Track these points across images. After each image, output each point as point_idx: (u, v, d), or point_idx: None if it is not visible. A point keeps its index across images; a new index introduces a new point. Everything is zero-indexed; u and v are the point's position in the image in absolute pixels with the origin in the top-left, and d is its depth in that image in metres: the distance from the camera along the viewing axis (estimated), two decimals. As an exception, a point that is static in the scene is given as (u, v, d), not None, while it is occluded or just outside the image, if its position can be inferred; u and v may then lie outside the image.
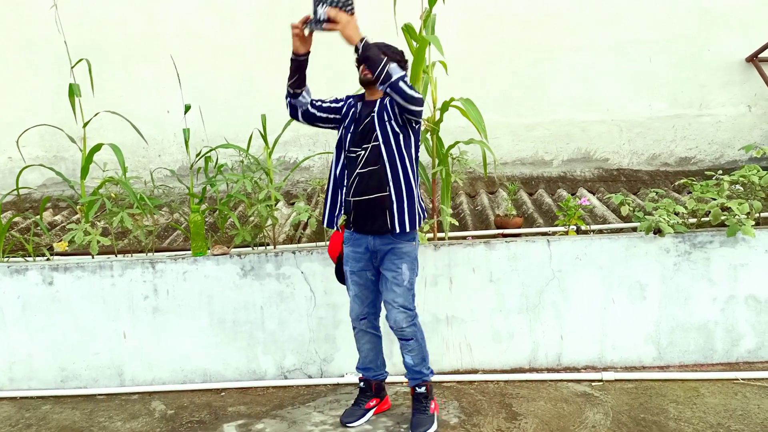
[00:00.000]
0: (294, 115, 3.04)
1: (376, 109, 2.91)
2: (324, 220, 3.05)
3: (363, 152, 2.89)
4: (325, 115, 3.01)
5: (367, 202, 2.89)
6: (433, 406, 3.08)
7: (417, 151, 2.98)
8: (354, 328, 3.15)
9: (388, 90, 2.74)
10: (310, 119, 3.02)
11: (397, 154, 2.87)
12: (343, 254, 3.09)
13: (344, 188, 2.98)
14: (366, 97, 2.99)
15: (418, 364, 3.05)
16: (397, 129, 2.87)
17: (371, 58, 2.73)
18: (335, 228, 3.05)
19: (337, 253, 3.12)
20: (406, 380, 3.18)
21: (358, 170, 2.90)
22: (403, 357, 3.07)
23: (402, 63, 2.93)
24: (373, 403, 3.21)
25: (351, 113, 2.99)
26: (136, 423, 3.31)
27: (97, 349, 3.70)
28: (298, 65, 2.93)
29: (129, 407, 3.51)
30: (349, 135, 2.94)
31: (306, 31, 2.82)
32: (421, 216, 2.98)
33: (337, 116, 3.01)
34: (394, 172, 2.87)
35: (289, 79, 2.97)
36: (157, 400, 3.57)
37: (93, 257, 3.82)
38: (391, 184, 2.86)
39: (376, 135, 2.87)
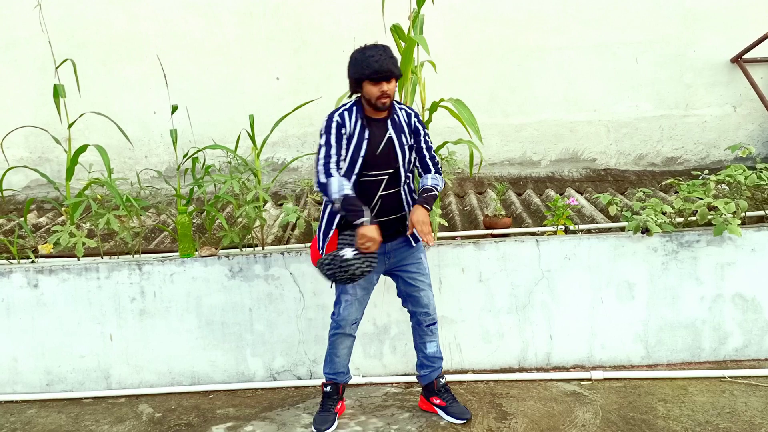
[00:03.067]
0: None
1: (392, 131, 2.86)
2: (322, 247, 2.92)
3: (386, 177, 2.86)
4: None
5: (389, 221, 2.92)
6: None
7: None
8: (338, 334, 3.04)
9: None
10: None
11: (410, 173, 2.98)
12: None
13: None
14: (368, 113, 2.86)
15: (439, 350, 3.16)
16: (407, 151, 2.92)
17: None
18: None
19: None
20: (414, 379, 3.30)
21: (380, 193, 2.86)
22: (426, 348, 3.12)
23: None
24: (339, 405, 3.18)
25: (358, 133, 2.82)
26: (123, 426, 3.28)
27: (83, 351, 3.65)
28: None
29: (116, 410, 3.47)
30: (364, 158, 2.82)
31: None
32: None
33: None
34: (408, 193, 2.97)
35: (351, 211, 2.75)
36: (145, 403, 3.53)
37: (78, 259, 3.77)
38: (405, 205, 2.97)
39: (397, 158, 2.87)
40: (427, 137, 2.99)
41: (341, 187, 2.72)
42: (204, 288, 3.61)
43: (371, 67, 2.72)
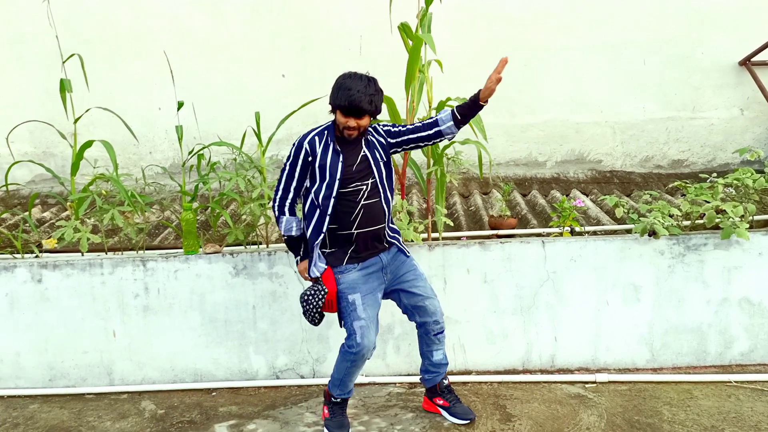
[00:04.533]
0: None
1: (365, 149, 2.89)
2: (318, 265, 2.92)
3: (365, 187, 2.86)
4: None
5: (371, 232, 2.90)
6: None
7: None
8: (356, 361, 2.88)
9: None
10: None
11: (389, 187, 2.96)
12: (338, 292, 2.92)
13: (338, 222, 2.87)
14: (339, 134, 2.89)
15: (446, 356, 3.14)
16: (383, 167, 2.93)
17: None
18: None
19: (334, 292, 2.92)
20: (416, 381, 3.28)
21: (363, 202, 2.86)
22: (433, 356, 3.10)
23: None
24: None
25: (331, 157, 2.84)
26: (126, 423, 3.27)
27: (86, 347, 3.64)
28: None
29: (118, 407, 3.46)
30: (343, 173, 2.82)
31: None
32: None
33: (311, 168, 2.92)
34: (387, 205, 2.95)
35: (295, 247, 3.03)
36: (147, 400, 3.53)
37: (83, 255, 3.77)
38: (385, 218, 2.95)
39: (373, 172, 2.88)
40: (398, 126, 3.02)
41: (288, 228, 2.95)
42: (208, 285, 3.60)
43: (344, 99, 2.74)
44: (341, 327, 2.94)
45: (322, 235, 2.86)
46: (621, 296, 3.56)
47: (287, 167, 2.91)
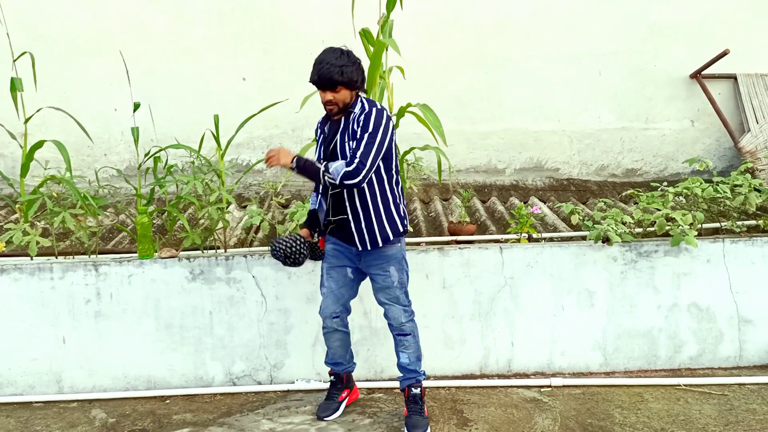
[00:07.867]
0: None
1: (339, 131, 2.88)
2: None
3: None
4: None
5: (340, 221, 2.95)
6: (426, 409, 3.12)
7: (389, 165, 2.91)
8: (324, 327, 3.13)
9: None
10: None
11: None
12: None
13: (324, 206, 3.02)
14: (331, 116, 2.95)
15: (413, 363, 3.09)
16: (348, 152, 2.80)
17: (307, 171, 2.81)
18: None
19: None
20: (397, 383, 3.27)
21: (330, 191, 2.92)
22: (398, 356, 3.10)
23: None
24: (344, 394, 3.24)
25: (320, 133, 3.04)
26: (75, 432, 3.18)
27: (34, 354, 3.53)
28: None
29: (67, 415, 3.36)
30: (321, 156, 2.97)
31: None
32: (398, 225, 2.95)
33: None
34: (350, 195, 2.87)
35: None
36: (98, 408, 3.43)
37: (32, 258, 3.65)
38: (348, 208, 2.89)
39: (338, 158, 2.85)
40: (364, 131, 2.75)
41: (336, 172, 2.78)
42: (163, 290, 3.53)
43: (315, 73, 2.76)
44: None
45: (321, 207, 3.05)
46: (576, 301, 3.63)
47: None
